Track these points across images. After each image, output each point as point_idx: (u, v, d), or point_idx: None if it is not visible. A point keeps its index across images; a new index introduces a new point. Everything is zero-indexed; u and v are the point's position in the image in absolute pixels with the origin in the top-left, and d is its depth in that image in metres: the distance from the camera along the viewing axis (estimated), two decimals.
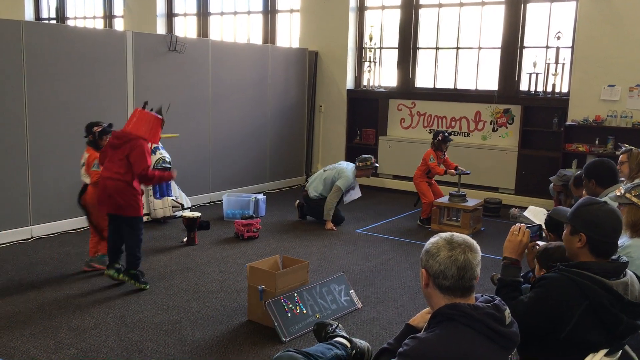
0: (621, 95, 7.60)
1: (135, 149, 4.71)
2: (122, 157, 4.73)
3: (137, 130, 4.80)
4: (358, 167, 7.16)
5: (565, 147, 7.85)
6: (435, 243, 2.11)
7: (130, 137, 4.76)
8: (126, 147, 4.74)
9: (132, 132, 4.79)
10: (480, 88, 8.87)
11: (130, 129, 4.82)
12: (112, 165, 4.79)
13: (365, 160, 7.17)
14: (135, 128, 4.81)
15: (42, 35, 6.22)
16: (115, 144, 4.82)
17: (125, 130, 4.83)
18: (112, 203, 4.79)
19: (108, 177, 4.78)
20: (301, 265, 4.44)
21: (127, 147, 4.73)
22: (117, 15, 12.75)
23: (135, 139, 4.75)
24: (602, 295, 2.36)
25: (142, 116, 4.88)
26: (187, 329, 4.16)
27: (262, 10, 10.74)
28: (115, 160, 4.77)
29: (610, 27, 7.56)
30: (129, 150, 4.72)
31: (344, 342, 3.36)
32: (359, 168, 7.15)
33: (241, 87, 8.52)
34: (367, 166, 7.16)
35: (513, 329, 2.09)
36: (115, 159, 4.77)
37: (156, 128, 4.92)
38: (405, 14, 9.26)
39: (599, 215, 2.46)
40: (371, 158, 7.21)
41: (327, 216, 6.98)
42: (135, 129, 4.81)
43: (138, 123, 4.84)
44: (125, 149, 4.74)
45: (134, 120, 4.88)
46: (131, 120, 4.90)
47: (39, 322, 4.21)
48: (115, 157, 4.78)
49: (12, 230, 6.08)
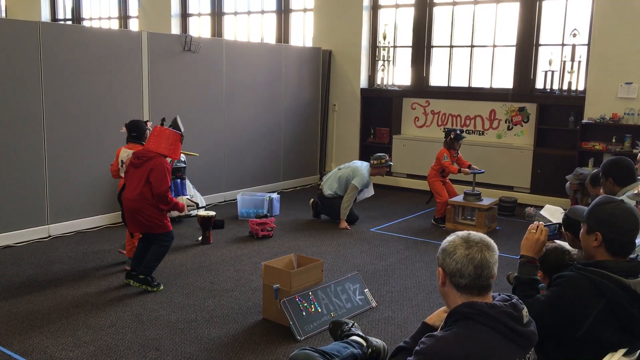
0: (638, 92, 7.51)
1: (156, 168, 4.72)
2: (142, 176, 4.74)
3: (158, 148, 4.81)
4: (373, 165, 7.16)
5: (581, 146, 7.78)
6: (452, 241, 2.10)
7: (150, 155, 4.77)
8: (147, 165, 4.74)
9: (152, 149, 4.80)
10: (495, 86, 8.82)
11: (151, 146, 4.83)
12: (132, 184, 4.79)
13: (380, 159, 7.17)
14: (156, 145, 4.82)
15: (59, 36, 6.28)
16: (136, 163, 4.82)
17: (146, 148, 4.85)
18: (138, 224, 4.83)
19: (130, 198, 4.78)
20: (316, 264, 4.45)
21: (148, 165, 4.74)
22: (132, 15, 12.84)
23: (156, 157, 4.76)
24: (619, 294, 2.34)
25: (160, 133, 4.87)
26: (203, 327, 4.18)
27: (275, 10, 10.76)
28: (135, 179, 4.78)
29: (627, 23, 7.48)
30: (150, 169, 4.72)
31: (360, 340, 3.36)
32: (374, 166, 7.15)
33: (255, 86, 8.54)
34: (381, 164, 7.15)
35: (531, 328, 2.07)
36: (136, 178, 4.77)
37: (175, 144, 4.91)
38: (419, 12, 9.23)
39: (615, 214, 2.44)
40: (385, 156, 7.20)
41: (342, 215, 7.00)
42: (156, 146, 4.82)
43: (158, 140, 4.84)
44: (146, 167, 4.74)
45: (153, 137, 4.88)
46: (151, 137, 4.91)
47: (57, 320, 4.25)
48: (135, 176, 4.78)
49: (30, 229, 6.15)
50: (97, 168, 6.63)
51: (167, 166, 4.81)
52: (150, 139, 4.90)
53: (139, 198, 4.74)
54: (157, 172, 4.70)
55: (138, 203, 4.75)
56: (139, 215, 4.77)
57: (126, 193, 4.83)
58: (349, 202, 6.98)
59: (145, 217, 4.78)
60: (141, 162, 4.77)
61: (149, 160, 4.75)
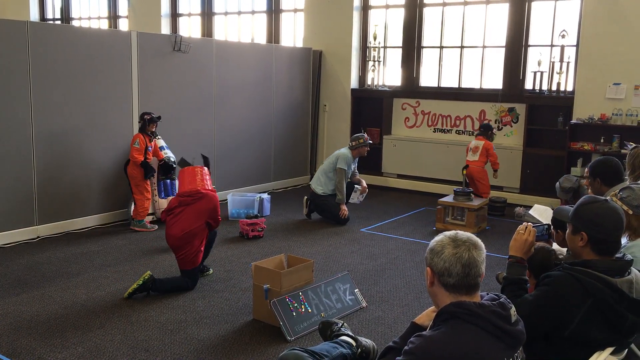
0: (626, 93, 7.57)
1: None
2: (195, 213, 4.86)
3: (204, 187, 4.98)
4: (352, 147, 7.24)
5: (570, 146, 7.83)
6: (440, 241, 2.11)
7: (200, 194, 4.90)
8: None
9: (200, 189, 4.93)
10: (485, 87, 8.86)
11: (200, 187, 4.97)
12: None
13: (358, 139, 7.25)
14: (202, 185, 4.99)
15: (47, 36, 6.25)
16: (187, 201, 4.90)
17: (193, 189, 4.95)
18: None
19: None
20: (306, 264, 4.44)
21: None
22: (121, 15, 12.79)
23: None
24: (606, 293, 2.36)
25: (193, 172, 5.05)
26: (193, 328, 4.17)
27: (266, 10, 10.75)
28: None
29: (615, 24, 7.53)
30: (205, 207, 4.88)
31: (350, 340, 3.36)
32: (353, 148, 7.25)
33: (245, 86, 8.53)
34: (360, 144, 7.23)
35: (519, 327, 2.08)
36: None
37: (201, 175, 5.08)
38: (409, 13, 9.25)
39: (599, 213, 2.46)
40: (363, 136, 7.27)
41: (340, 200, 7.09)
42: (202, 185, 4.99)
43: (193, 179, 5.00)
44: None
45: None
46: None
47: (45, 322, 4.23)
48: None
49: (18, 230, 6.11)
50: (86, 168, 6.60)
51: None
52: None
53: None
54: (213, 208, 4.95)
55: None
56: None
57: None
58: (341, 185, 7.08)
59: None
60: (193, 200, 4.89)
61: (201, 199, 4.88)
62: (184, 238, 4.75)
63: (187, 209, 4.82)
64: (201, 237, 4.85)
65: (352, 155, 7.23)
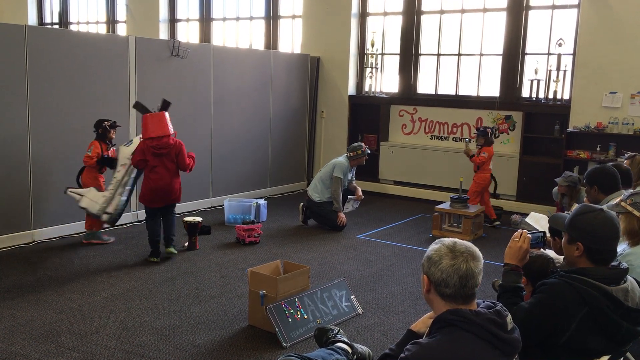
0: (623, 102, 7.60)
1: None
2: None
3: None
4: (350, 157, 7.24)
5: (566, 154, 7.85)
6: (438, 250, 2.10)
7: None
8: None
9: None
10: (482, 94, 8.88)
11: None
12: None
13: (356, 150, 7.25)
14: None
15: (45, 40, 6.24)
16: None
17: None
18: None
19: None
20: (302, 270, 4.44)
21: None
22: (119, 20, 12.79)
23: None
24: (602, 301, 2.36)
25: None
26: (188, 334, 4.16)
27: (264, 16, 10.77)
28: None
29: (612, 34, 7.57)
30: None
31: (345, 347, 3.35)
32: (351, 158, 7.25)
33: (243, 92, 8.53)
34: (358, 155, 7.26)
35: (515, 335, 2.08)
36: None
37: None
38: (407, 20, 9.28)
39: (594, 223, 2.46)
40: (361, 146, 7.27)
41: (336, 208, 7.10)
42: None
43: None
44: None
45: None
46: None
47: (40, 326, 4.21)
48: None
49: (14, 234, 6.08)
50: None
51: None
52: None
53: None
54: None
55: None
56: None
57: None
58: (337, 193, 7.08)
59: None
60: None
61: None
62: (172, 182, 5.76)
63: (163, 160, 5.70)
64: (178, 174, 5.91)
65: (349, 165, 7.24)
